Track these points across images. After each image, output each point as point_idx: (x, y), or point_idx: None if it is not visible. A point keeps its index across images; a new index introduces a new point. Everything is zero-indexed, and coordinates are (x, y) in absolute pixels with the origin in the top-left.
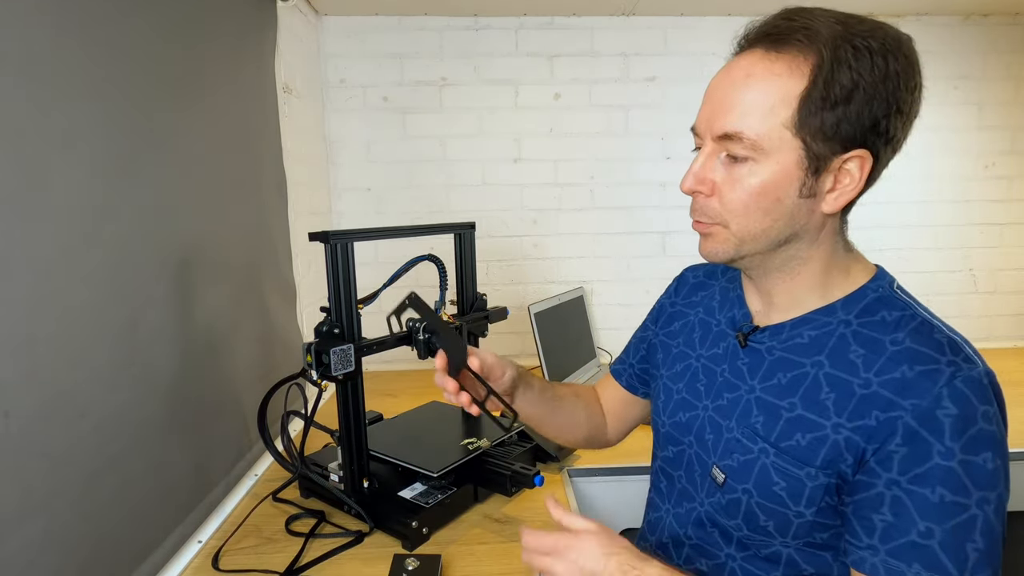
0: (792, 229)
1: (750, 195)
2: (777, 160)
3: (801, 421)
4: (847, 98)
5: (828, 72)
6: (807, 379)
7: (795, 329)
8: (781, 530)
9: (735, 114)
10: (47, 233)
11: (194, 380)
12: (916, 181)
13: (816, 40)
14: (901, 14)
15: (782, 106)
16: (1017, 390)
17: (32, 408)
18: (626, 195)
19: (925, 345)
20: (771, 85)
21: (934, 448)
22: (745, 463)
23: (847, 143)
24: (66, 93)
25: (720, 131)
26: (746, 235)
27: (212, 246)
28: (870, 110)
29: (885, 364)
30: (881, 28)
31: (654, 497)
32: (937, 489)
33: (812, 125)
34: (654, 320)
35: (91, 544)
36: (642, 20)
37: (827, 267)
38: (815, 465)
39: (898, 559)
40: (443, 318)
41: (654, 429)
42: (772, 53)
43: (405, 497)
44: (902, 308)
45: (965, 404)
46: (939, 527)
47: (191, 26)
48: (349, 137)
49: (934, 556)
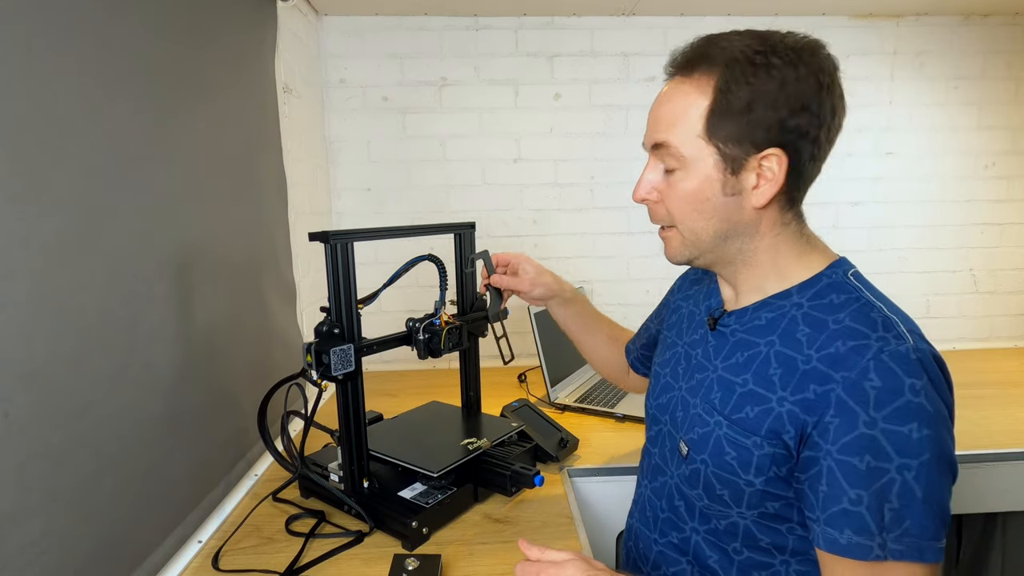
0: (729, 224)
1: (683, 198)
2: (698, 167)
3: (752, 395)
4: (747, 107)
5: (725, 88)
6: (760, 357)
7: (755, 312)
8: (735, 499)
9: (661, 127)
10: (47, 233)
11: (194, 380)
12: (916, 181)
13: (715, 63)
14: (901, 14)
15: (696, 119)
16: (1017, 390)
17: (32, 408)
18: (626, 195)
19: (860, 323)
20: (684, 104)
21: (859, 418)
22: (703, 435)
23: (759, 144)
24: (66, 93)
25: (652, 141)
26: (691, 235)
27: (212, 246)
28: (773, 113)
29: (824, 341)
30: (785, 41)
31: (640, 477)
32: (864, 457)
33: (720, 133)
34: (656, 315)
35: (91, 544)
36: (642, 20)
37: (776, 255)
38: (760, 435)
39: (832, 527)
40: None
41: (645, 412)
42: (682, 78)
43: (405, 497)
44: (850, 291)
45: (890, 377)
46: (867, 492)
47: (191, 26)
48: (349, 137)
49: (863, 520)
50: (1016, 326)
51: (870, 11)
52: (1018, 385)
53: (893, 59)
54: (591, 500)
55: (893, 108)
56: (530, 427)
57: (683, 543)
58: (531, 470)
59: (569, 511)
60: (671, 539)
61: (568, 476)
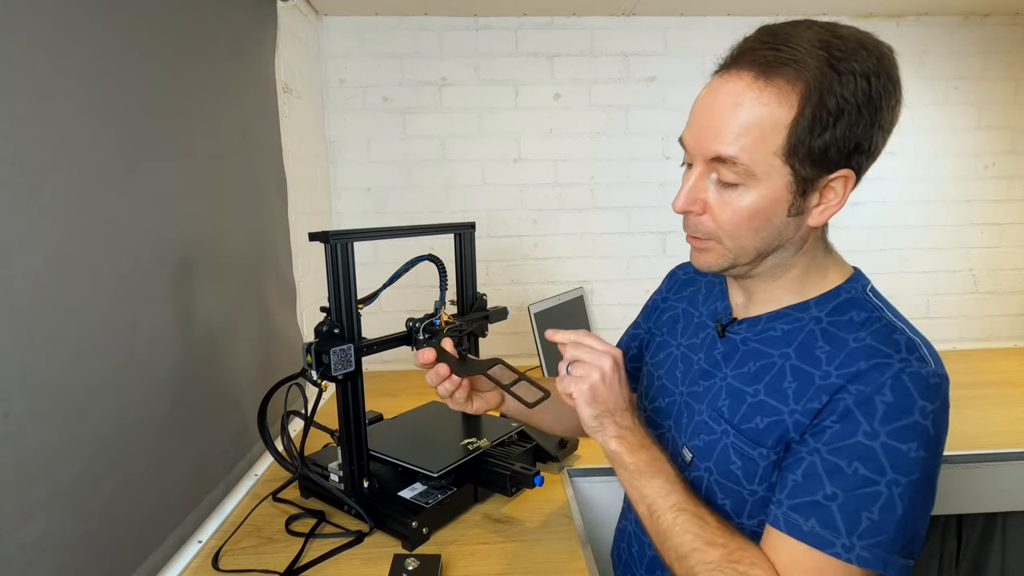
0: (779, 241)
1: (741, 217)
2: (767, 185)
3: (763, 406)
4: (833, 124)
5: (816, 101)
6: (774, 368)
7: (770, 323)
8: (737, 511)
9: (726, 139)
10: (47, 233)
11: (194, 380)
12: (916, 181)
13: (804, 69)
14: (901, 14)
15: (772, 135)
16: (1017, 390)
17: (32, 408)
18: (626, 195)
19: (884, 343)
20: (761, 114)
21: (860, 428)
22: (709, 443)
23: (832, 165)
24: (66, 93)
25: (712, 154)
26: (737, 250)
27: (212, 246)
28: (854, 133)
29: (845, 359)
30: (863, 46)
31: None
32: (853, 463)
33: (800, 152)
34: (645, 317)
35: (91, 544)
36: (642, 20)
37: (807, 270)
38: (767, 446)
39: (798, 513)
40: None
41: (638, 413)
42: (760, 81)
43: (405, 497)
44: (871, 310)
45: (904, 395)
46: (844, 494)
47: (191, 26)
48: (349, 137)
49: (831, 516)
50: (1016, 326)
51: (870, 11)
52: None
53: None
54: (591, 500)
55: None
56: (530, 427)
57: None
58: (531, 470)
59: (569, 511)
60: None
61: (568, 476)
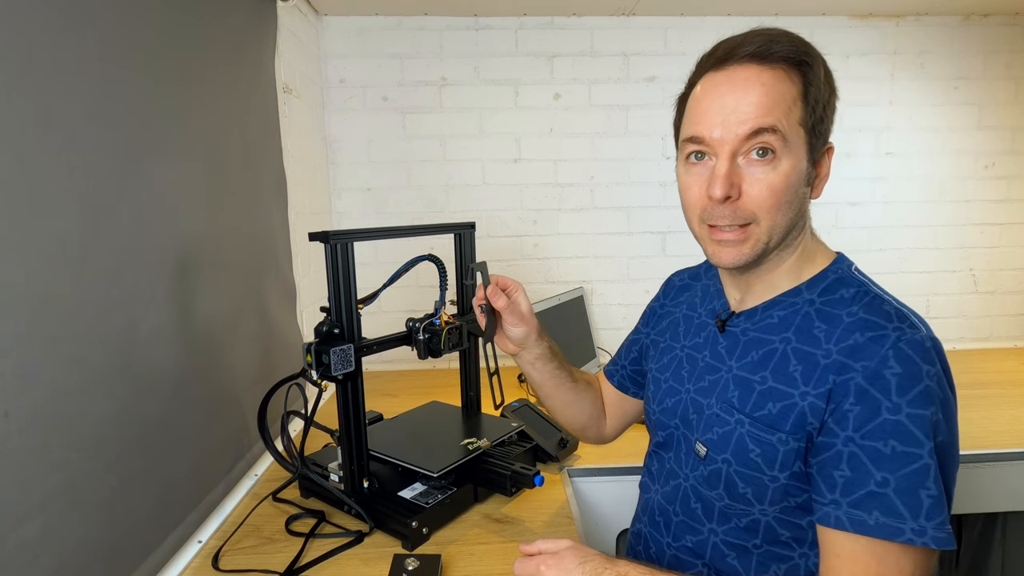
0: (798, 217)
1: (777, 189)
2: (795, 155)
3: (772, 392)
4: (825, 99)
5: (810, 82)
6: (776, 354)
7: (766, 311)
8: (759, 497)
9: (760, 112)
10: (46, 233)
11: (194, 380)
12: (916, 181)
13: (795, 55)
14: (901, 14)
15: (794, 106)
16: (1017, 390)
17: (32, 408)
18: (626, 195)
19: (875, 315)
20: (782, 90)
21: (882, 404)
22: (724, 435)
23: (825, 136)
24: (66, 93)
25: (750, 129)
26: (771, 230)
27: (212, 246)
28: (831, 106)
29: (841, 334)
30: (807, 43)
31: (646, 480)
32: (889, 442)
33: (811, 122)
34: (645, 323)
35: (91, 544)
36: (642, 20)
37: (802, 254)
38: (784, 430)
39: (859, 509)
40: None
41: (647, 418)
42: (767, 67)
43: (405, 497)
44: (858, 285)
45: (909, 364)
46: (893, 476)
47: (191, 26)
48: (349, 137)
49: (891, 502)
50: (1016, 326)
51: (870, 11)
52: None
53: (893, 59)
54: (591, 500)
55: (893, 108)
56: (530, 427)
57: (698, 545)
58: (531, 470)
59: (569, 511)
60: (685, 542)
61: (568, 476)
